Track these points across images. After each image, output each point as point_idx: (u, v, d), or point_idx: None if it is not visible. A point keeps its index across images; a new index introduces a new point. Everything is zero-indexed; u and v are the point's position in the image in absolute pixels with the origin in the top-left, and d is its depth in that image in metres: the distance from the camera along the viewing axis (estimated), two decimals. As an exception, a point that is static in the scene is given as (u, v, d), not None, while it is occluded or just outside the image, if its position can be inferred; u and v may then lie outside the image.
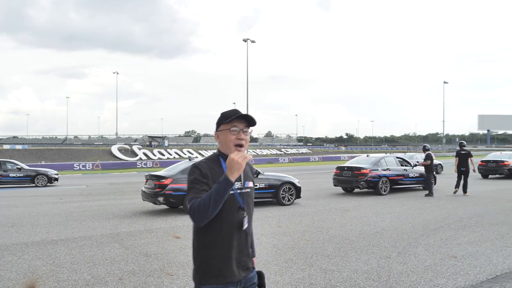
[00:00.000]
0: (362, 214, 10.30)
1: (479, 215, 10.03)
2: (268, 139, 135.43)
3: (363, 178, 14.75)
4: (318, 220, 9.56)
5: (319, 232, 8.10)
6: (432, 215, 10.17)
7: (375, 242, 7.16)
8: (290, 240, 7.44)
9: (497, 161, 22.17)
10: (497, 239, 7.39)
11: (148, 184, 11.06)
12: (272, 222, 9.24)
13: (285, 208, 11.42)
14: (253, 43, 49.17)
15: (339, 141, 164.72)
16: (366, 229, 8.37)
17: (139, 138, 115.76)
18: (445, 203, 12.38)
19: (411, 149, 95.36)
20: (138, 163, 47.84)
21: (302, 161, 57.45)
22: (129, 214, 10.78)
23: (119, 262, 6.07)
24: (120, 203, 13.03)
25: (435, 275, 5.30)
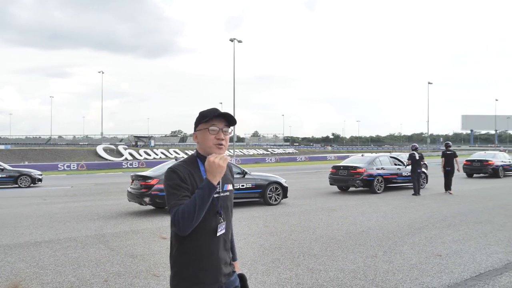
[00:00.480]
0: (348, 214, 10.36)
1: (463, 214, 10.16)
2: (255, 139, 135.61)
3: (358, 177, 15.10)
4: (305, 219, 9.58)
5: (305, 232, 8.12)
6: (417, 214, 10.27)
7: (361, 241, 7.21)
8: (277, 240, 7.45)
9: (482, 161, 22.54)
10: (481, 238, 7.50)
11: (134, 184, 10.96)
12: (259, 222, 9.24)
13: (272, 208, 11.43)
14: (239, 43, 49.14)
15: (325, 141, 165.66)
16: (352, 229, 8.42)
17: (125, 138, 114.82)
18: (429, 202, 12.52)
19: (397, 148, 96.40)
20: (124, 163, 47.41)
21: (289, 161, 57.58)
22: (114, 215, 10.68)
23: (105, 263, 6.00)
24: (106, 204, 12.89)
25: (420, 273, 5.35)
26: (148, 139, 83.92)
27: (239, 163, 48.13)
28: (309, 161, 57.96)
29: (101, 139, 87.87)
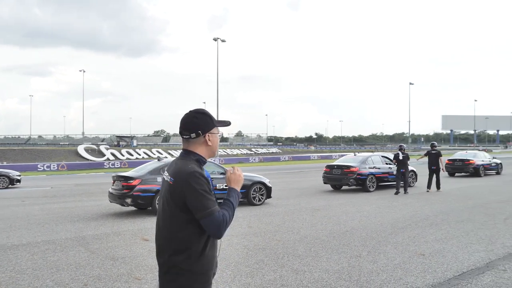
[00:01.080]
0: (332, 213, 10.37)
1: (444, 213, 10.26)
2: (238, 139, 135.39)
3: (352, 176, 15.48)
4: (289, 220, 9.55)
5: (290, 232, 8.08)
6: (400, 213, 10.33)
7: (345, 241, 7.20)
8: (261, 240, 7.39)
9: (463, 160, 22.89)
10: (462, 236, 7.56)
11: (115, 185, 10.76)
12: (243, 223, 9.16)
13: (256, 208, 11.36)
14: (223, 42, 48.96)
15: (308, 140, 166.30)
16: (336, 228, 8.41)
17: (107, 138, 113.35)
18: (412, 202, 12.61)
19: (379, 148, 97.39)
20: (106, 163, 46.77)
21: (272, 160, 57.61)
22: (95, 216, 10.47)
23: (84, 267, 5.85)
24: (86, 205, 12.65)
25: (404, 273, 5.35)
26: (130, 139, 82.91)
27: (222, 163, 47.97)
28: (293, 160, 58.10)
29: (82, 139, 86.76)
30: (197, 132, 2.17)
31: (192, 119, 2.19)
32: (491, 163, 24.12)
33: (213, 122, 2.22)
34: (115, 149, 62.45)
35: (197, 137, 2.18)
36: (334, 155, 68.01)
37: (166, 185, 2.17)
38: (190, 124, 2.18)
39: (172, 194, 2.07)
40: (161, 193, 2.25)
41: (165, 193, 2.14)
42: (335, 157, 65.18)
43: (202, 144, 2.20)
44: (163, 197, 2.18)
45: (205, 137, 2.19)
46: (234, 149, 73.45)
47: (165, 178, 2.21)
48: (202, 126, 2.18)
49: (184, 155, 2.20)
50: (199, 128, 2.17)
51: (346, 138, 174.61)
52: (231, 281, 5.10)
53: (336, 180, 16.17)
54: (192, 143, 2.20)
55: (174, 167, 2.18)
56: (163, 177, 2.27)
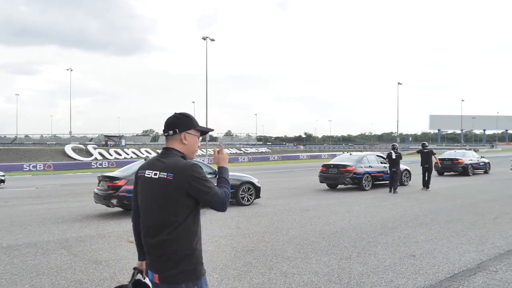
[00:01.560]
0: (321, 214, 10.26)
1: (434, 213, 10.21)
2: (227, 138, 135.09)
3: (348, 175, 15.77)
4: (278, 220, 9.41)
5: (278, 233, 7.94)
6: (390, 213, 10.26)
7: (335, 242, 7.08)
8: (249, 242, 7.24)
9: (452, 159, 23.01)
10: (453, 236, 7.49)
11: (100, 185, 10.53)
12: (231, 224, 9.00)
13: (244, 209, 11.21)
14: (212, 42, 48.68)
15: (298, 140, 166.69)
16: (325, 229, 8.29)
17: (95, 138, 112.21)
18: (402, 201, 12.57)
19: (367, 148, 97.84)
20: (93, 163, 46.27)
21: (262, 160, 57.55)
22: (80, 217, 10.23)
23: (66, 271, 5.64)
24: (71, 206, 12.39)
25: (395, 275, 5.24)
26: (119, 139, 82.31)
27: (211, 162, 47.74)
28: (282, 160, 58.09)
29: (69, 139, 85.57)
30: (174, 130, 2.35)
31: (173, 119, 2.38)
32: (480, 162, 24.31)
33: (192, 123, 2.40)
34: (103, 148, 61.93)
35: (174, 135, 2.35)
36: (323, 154, 68.27)
37: (159, 181, 2.26)
38: (170, 123, 2.38)
39: (174, 187, 2.20)
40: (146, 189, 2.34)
41: (160, 188, 2.25)
42: (324, 156, 65.50)
43: (179, 142, 2.36)
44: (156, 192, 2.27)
45: (181, 135, 2.35)
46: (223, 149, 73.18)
47: (151, 175, 2.31)
48: (179, 125, 2.36)
49: (167, 152, 2.36)
50: (176, 126, 2.36)
51: (335, 137, 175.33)
52: (218, 284, 4.95)
53: (333, 179, 16.38)
54: (170, 141, 2.38)
55: (164, 164, 2.29)
56: (144, 174, 2.36)
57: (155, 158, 2.40)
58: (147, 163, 2.43)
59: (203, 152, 60.30)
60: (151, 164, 2.37)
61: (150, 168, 2.34)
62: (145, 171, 2.36)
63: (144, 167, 2.40)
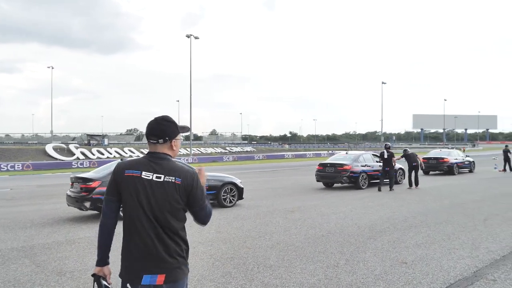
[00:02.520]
0: (306, 216, 9.82)
1: (422, 214, 9.87)
2: (212, 137, 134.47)
3: (345, 173, 15.80)
4: (261, 223, 8.94)
5: (261, 238, 7.48)
6: (377, 214, 9.89)
7: (321, 248, 6.64)
8: (229, 248, 6.75)
9: (437, 158, 22.89)
10: (444, 241, 7.12)
11: (73, 187, 9.94)
12: (211, 228, 8.51)
13: (226, 211, 10.72)
14: (197, 40, 47.91)
15: (283, 139, 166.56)
16: (311, 233, 7.86)
17: (77, 137, 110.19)
18: (388, 201, 12.23)
19: (352, 147, 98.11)
20: (74, 163, 45.12)
21: (246, 159, 56.97)
22: (50, 221, 9.62)
23: (24, 284, 5.08)
24: (44, 209, 11.72)
25: (386, 285, 4.82)
26: (102, 138, 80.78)
27: (196, 162, 47.07)
28: (267, 159, 57.58)
29: (51, 138, 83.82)
30: (165, 139, 2.38)
31: (160, 127, 2.40)
32: (465, 161, 24.26)
33: (177, 130, 2.46)
34: (85, 148, 60.61)
35: (164, 143, 2.38)
36: (308, 153, 68.08)
37: (167, 184, 2.29)
38: (158, 131, 2.39)
39: (181, 191, 2.29)
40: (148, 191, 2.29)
41: (168, 191, 2.28)
42: (309, 155, 65.31)
43: (168, 148, 2.41)
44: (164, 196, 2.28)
45: (171, 143, 2.41)
46: (208, 148, 72.55)
47: (151, 177, 2.30)
48: (169, 133, 2.39)
49: (158, 155, 2.37)
50: (167, 135, 2.39)
51: (320, 136, 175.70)
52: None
53: (330, 178, 16.38)
54: (159, 147, 2.39)
55: (166, 167, 2.32)
56: (141, 175, 2.31)
57: (146, 159, 2.38)
58: (136, 163, 2.37)
59: (187, 151, 59.62)
60: (146, 166, 2.34)
61: (147, 170, 2.32)
62: (141, 172, 2.32)
63: (134, 167, 2.34)
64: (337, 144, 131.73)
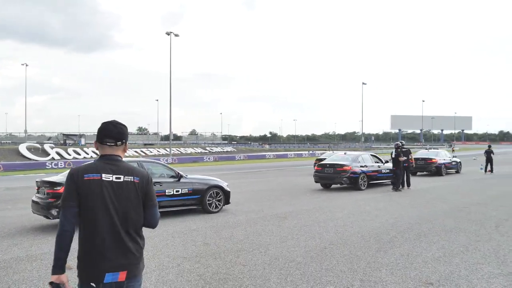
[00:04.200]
0: (302, 223, 8.91)
1: (427, 220, 9.09)
2: (192, 137, 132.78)
3: (345, 174, 15.34)
4: (252, 232, 7.98)
5: (256, 251, 6.51)
6: (378, 221, 9.05)
7: (327, 264, 5.72)
8: (221, 265, 5.77)
9: (425, 159, 22.36)
10: (463, 253, 6.31)
11: (40, 192, 8.80)
12: (198, 238, 7.51)
13: (213, 217, 9.72)
14: (177, 38, 46.70)
15: (263, 139, 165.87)
16: (311, 245, 6.94)
17: (53, 137, 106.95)
18: (385, 206, 11.44)
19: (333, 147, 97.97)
20: (48, 163, 43.24)
21: (227, 159, 55.90)
22: (12, 231, 8.45)
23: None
24: (7, 216, 10.50)
25: (418, 317, 3.93)
26: (78, 137, 78.45)
27: (175, 162, 45.77)
28: (248, 160, 56.62)
29: (25, 137, 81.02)
30: (122, 141, 2.54)
31: (118, 130, 2.53)
32: (452, 162, 23.87)
33: (128, 133, 2.62)
34: (61, 148, 58.51)
35: (121, 145, 2.54)
36: (289, 154, 67.45)
37: (128, 184, 2.45)
38: (116, 134, 2.51)
39: (140, 189, 2.49)
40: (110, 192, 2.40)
41: (130, 190, 2.45)
42: (290, 156, 64.70)
43: (122, 150, 2.56)
44: (126, 195, 2.43)
45: (125, 145, 2.58)
46: (188, 148, 71.12)
47: (111, 179, 2.42)
48: (126, 136, 2.57)
49: (113, 158, 2.50)
50: (124, 137, 2.55)
51: (299, 137, 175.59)
52: None
53: (329, 179, 15.91)
54: (116, 149, 2.52)
55: (123, 168, 2.47)
56: (101, 178, 2.40)
57: (101, 162, 2.47)
58: (93, 167, 2.44)
59: (167, 151, 58.21)
60: (104, 168, 2.44)
61: (106, 172, 2.43)
62: (101, 175, 2.41)
63: (93, 171, 2.42)
64: (317, 145, 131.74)
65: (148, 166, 9.79)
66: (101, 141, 2.48)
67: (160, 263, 5.87)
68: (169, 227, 8.60)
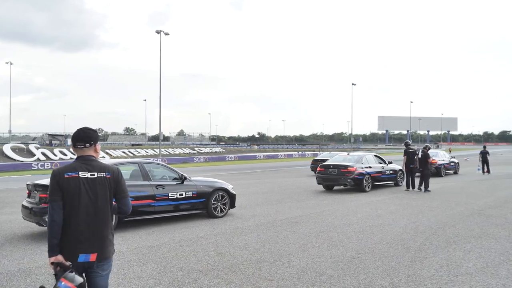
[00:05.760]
0: (317, 228, 8.28)
1: (449, 225, 8.54)
2: (180, 138, 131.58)
3: (350, 175, 14.77)
4: (267, 240, 7.32)
5: (278, 262, 5.86)
6: (397, 226, 8.47)
7: (363, 278, 5.09)
8: (243, 280, 5.09)
9: None
10: (506, 262, 5.75)
11: (31, 196, 8.02)
12: (209, 247, 6.82)
13: (219, 223, 9.03)
14: (167, 36, 45.62)
15: (251, 140, 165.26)
16: (336, 254, 6.30)
17: (38, 137, 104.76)
18: (397, 209, 10.89)
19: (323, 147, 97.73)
20: (34, 164, 42.01)
21: (218, 160, 55.13)
22: (1, 241, 7.64)
23: None
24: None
25: None
26: (64, 138, 76.80)
27: (165, 162, 44.83)
28: (239, 160, 55.93)
29: (9, 138, 79.11)
30: (90, 143, 2.99)
31: (86, 134, 2.99)
32: (450, 162, 23.56)
33: (98, 136, 3.08)
34: (46, 148, 57.05)
35: (90, 147, 2.98)
36: (279, 154, 66.92)
37: (100, 179, 2.92)
38: (84, 137, 2.98)
39: (111, 183, 2.96)
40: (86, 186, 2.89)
41: (102, 184, 2.92)
42: (281, 156, 64.19)
43: (93, 151, 3.01)
44: (99, 188, 2.92)
45: (95, 146, 3.02)
46: (176, 149, 70.02)
47: (87, 175, 2.91)
48: (95, 139, 3.02)
49: (87, 158, 2.98)
50: (92, 139, 3.00)
51: (287, 137, 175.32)
52: None
53: (333, 180, 15.32)
54: (86, 150, 2.99)
55: (96, 166, 2.95)
56: (78, 175, 2.89)
57: (78, 162, 2.95)
58: (72, 167, 2.91)
59: (156, 152, 57.17)
60: (80, 167, 2.92)
61: (82, 170, 2.90)
62: (78, 173, 2.89)
63: (72, 170, 2.89)
64: (305, 145, 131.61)
65: (150, 167, 9.07)
66: (74, 145, 2.99)
67: (174, 279, 5.17)
68: (174, 234, 7.90)
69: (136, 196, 8.26)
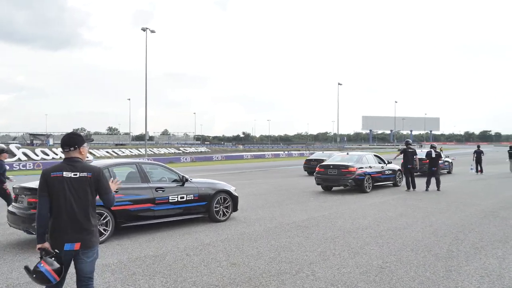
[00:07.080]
0: (330, 234, 7.72)
1: (467, 228, 8.09)
2: (164, 138, 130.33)
3: (350, 176, 14.36)
4: (281, 247, 6.72)
5: (302, 274, 5.26)
6: (413, 229, 7.98)
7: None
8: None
9: (420, 159, 21.57)
10: (549, 272, 5.26)
11: (18, 202, 7.26)
12: (219, 256, 6.19)
13: (223, 227, 8.41)
14: (153, 33, 44.66)
15: (236, 139, 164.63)
16: (362, 262, 5.75)
17: (19, 136, 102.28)
18: (406, 210, 10.42)
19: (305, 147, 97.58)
20: (15, 164, 40.62)
21: (205, 160, 54.31)
22: (-15, 250, 6.89)
23: None
24: (-24, 228, 8.84)
25: None
26: (46, 137, 75.14)
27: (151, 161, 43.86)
28: (226, 160, 55.16)
29: (-12, 138, 76.91)
30: (75, 147, 3.38)
31: (71, 139, 3.40)
32: (444, 162, 23.25)
33: (83, 140, 3.45)
34: (28, 148, 55.36)
35: (74, 150, 3.38)
36: (266, 154, 66.39)
37: (82, 178, 3.31)
38: (69, 141, 3.39)
39: (92, 182, 3.33)
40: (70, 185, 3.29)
41: (84, 183, 3.31)
42: (268, 156, 63.62)
43: (78, 153, 3.40)
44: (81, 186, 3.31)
45: (79, 149, 3.40)
46: (161, 148, 68.91)
47: (70, 175, 3.30)
48: (78, 142, 3.40)
49: (72, 159, 3.37)
50: (76, 143, 3.39)
51: (273, 137, 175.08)
52: None
53: (333, 181, 14.89)
54: (72, 153, 3.38)
55: (79, 167, 3.34)
56: (62, 175, 3.30)
57: (64, 163, 3.35)
58: (58, 167, 3.34)
59: (141, 152, 56.11)
60: (65, 167, 3.32)
61: (66, 170, 3.30)
62: (62, 173, 3.29)
63: (57, 170, 3.31)
64: (290, 145, 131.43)
65: (148, 168, 8.40)
66: (62, 148, 3.43)
67: (189, 296, 4.53)
68: (177, 241, 7.24)
69: (134, 199, 7.60)
